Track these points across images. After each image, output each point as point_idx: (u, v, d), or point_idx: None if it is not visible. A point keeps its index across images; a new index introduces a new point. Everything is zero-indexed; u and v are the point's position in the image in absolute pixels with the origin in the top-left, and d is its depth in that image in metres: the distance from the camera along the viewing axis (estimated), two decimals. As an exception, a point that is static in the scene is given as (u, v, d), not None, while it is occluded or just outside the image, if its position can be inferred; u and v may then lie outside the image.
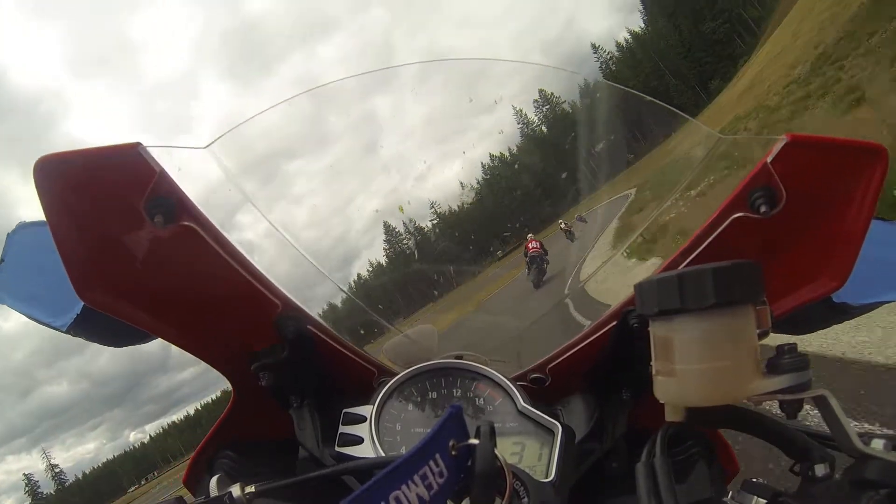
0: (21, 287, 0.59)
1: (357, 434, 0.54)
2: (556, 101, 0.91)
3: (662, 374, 0.39)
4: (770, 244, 0.52)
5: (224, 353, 0.58)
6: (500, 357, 0.70)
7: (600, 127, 0.80)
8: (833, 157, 0.46)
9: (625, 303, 0.57)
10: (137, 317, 0.51)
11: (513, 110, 0.88)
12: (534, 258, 0.92)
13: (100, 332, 0.57)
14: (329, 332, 0.61)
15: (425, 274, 0.90)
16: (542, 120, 1.08)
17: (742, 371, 0.36)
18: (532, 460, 0.53)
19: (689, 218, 0.69)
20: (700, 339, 0.36)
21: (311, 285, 0.69)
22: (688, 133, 0.70)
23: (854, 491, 0.35)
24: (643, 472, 0.38)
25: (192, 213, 0.48)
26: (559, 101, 0.90)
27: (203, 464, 0.62)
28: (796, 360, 0.36)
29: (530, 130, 1.01)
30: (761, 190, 0.48)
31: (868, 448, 0.37)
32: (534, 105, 0.90)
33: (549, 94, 0.88)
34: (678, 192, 0.64)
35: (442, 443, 0.36)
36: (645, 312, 0.39)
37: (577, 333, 0.63)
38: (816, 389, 0.37)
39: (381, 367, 0.66)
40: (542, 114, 0.93)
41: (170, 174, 0.46)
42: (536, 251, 0.92)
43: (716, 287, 0.34)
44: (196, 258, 0.49)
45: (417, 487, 0.33)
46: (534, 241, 0.91)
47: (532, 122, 1.04)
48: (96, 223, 0.46)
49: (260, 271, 0.53)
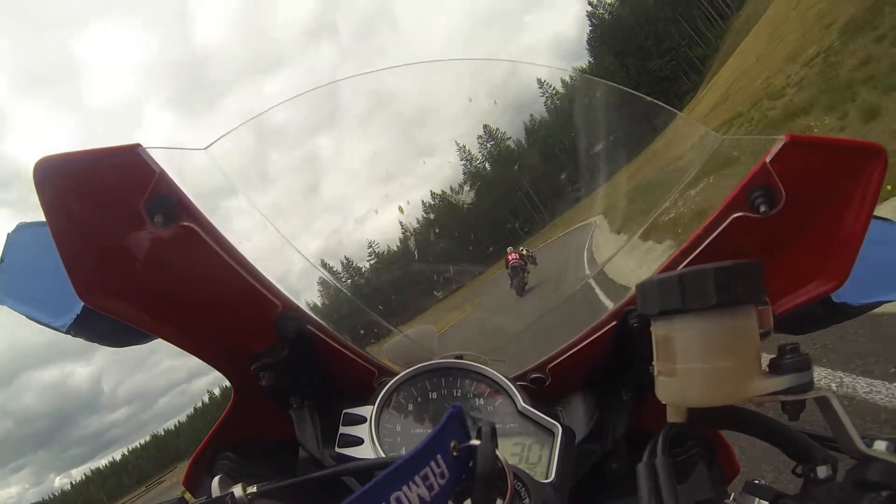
0: (21, 288, 0.59)
1: (357, 435, 0.54)
2: (500, 136, 0.92)
3: (664, 375, 0.38)
4: (769, 244, 0.52)
5: (224, 353, 0.58)
6: (500, 357, 0.70)
7: (583, 135, 0.81)
8: (832, 157, 0.46)
9: (625, 303, 0.57)
10: (137, 317, 0.51)
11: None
12: (515, 268, 0.98)
13: (100, 333, 0.57)
14: (329, 333, 0.61)
15: (424, 274, 0.90)
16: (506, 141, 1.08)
17: (744, 371, 0.36)
18: (532, 461, 0.53)
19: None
20: (701, 339, 0.36)
21: (311, 285, 0.69)
22: (673, 139, 0.70)
23: (856, 492, 0.35)
24: (644, 472, 0.38)
25: (192, 214, 0.48)
26: (504, 137, 0.91)
27: (203, 464, 0.62)
28: (798, 361, 0.36)
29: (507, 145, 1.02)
30: (761, 190, 0.48)
31: (870, 450, 0.37)
32: (478, 141, 0.90)
33: (494, 130, 0.89)
34: (677, 193, 0.64)
35: (443, 443, 0.36)
36: (646, 312, 0.38)
37: (576, 334, 0.63)
38: (819, 390, 0.37)
39: (382, 367, 0.66)
40: (485, 150, 0.94)
41: (169, 175, 0.46)
42: (517, 262, 0.97)
43: (717, 287, 0.34)
44: (196, 258, 0.50)
45: (418, 488, 0.33)
46: (513, 254, 0.96)
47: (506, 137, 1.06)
48: (96, 223, 0.46)
49: (259, 272, 0.53)
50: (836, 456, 0.39)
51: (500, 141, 0.93)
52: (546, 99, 1.01)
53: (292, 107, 0.64)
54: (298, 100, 0.64)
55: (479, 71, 0.74)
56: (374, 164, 0.82)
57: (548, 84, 0.91)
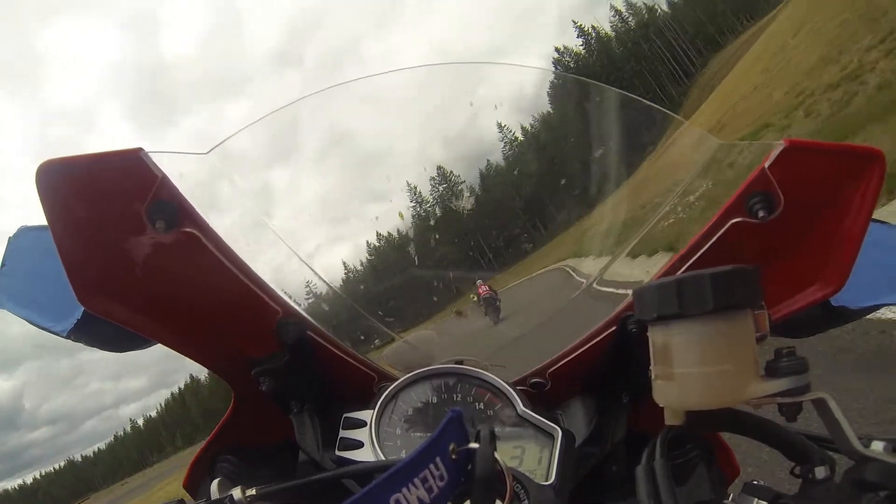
0: (22, 291, 0.59)
1: (357, 438, 0.54)
2: (453, 178, 0.93)
3: (661, 379, 0.39)
4: (768, 249, 0.52)
5: (224, 358, 0.58)
6: (500, 362, 0.71)
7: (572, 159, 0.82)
8: (831, 161, 0.47)
9: (624, 308, 0.57)
10: (138, 322, 0.51)
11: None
12: (487, 300, 1.01)
13: (100, 338, 0.57)
14: (329, 338, 0.61)
15: (424, 280, 0.90)
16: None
17: (741, 375, 0.36)
18: (532, 464, 0.53)
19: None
20: (699, 343, 0.36)
21: (311, 291, 0.69)
22: (673, 157, 0.69)
23: (854, 493, 0.35)
24: (643, 475, 0.38)
25: (193, 219, 0.48)
26: (458, 181, 0.93)
27: (203, 467, 0.62)
28: (795, 363, 0.36)
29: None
30: (759, 195, 0.48)
31: (868, 450, 0.37)
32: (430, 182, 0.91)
33: (448, 172, 0.90)
34: (676, 198, 0.64)
35: (443, 446, 0.37)
36: (643, 318, 0.39)
37: (576, 339, 0.63)
38: (816, 392, 0.37)
39: (382, 372, 0.66)
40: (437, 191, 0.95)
41: (171, 180, 0.46)
42: (488, 293, 1.02)
43: (714, 292, 0.34)
44: (197, 264, 0.50)
45: (418, 490, 0.33)
46: (483, 286, 1.01)
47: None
48: (98, 228, 0.46)
49: (260, 277, 0.54)
50: (834, 457, 0.39)
51: (455, 184, 0.94)
52: (505, 145, 1.02)
53: (291, 113, 0.64)
54: (298, 105, 0.64)
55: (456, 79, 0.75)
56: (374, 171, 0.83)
57: (507, 128, 0.92)
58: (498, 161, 0.99)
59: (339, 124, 0.79)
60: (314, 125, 0.76)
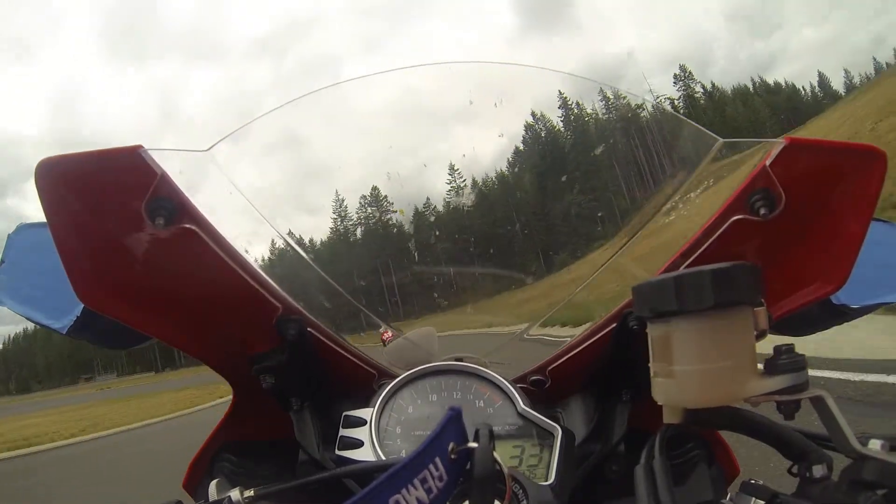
0: (21, 288, 0.59)
1: (357, 437, 0.54)
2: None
3: (660, 376, 0.39)
4: (769, 246, 0.52)
5: (224, 355, 0.58)
6: (500, 360, 0.70)
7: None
8: (832, 159, 0.46)
9: (625, 305, 0.57)
10: (137, 319, 0.51)
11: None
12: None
13: (100, 334, 0.57)
14: (329, 335, 0.61)
15: (424, 276, 0.90)
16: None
17: (740, 372, 0.36)
18: (532, 463, 0.53)
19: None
20: (698, 340, 0.36)
21: (311, 287, 0.69)
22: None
23: (852, 491, 0.36)
24: (642, 474, 0.38)
25: (193, 216, 0.48)
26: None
27: (203, 466, 0.62)
28: (793, 361, 0.36)
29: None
30: (760, 193, 0.48)
31: (865, 449, 0.37)
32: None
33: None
34: (678, 196, 0.64)
35: (442, 446, 0.36)
36: (642, 314, 0.39)
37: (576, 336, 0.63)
38: (814, 390, 0.37)
39: (382, 369, 0.66)
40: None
41: (171, 176, 0.46)
42: (390, 340, 1.05)
43: (714, 288, 0.35)
44: (197, 261, 0.50)
45: (417, 491, 0.33)
46: (387, 333, 1.04)
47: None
48: (97, 225, 0.46)
49: (261, 274, 0.53)
50: (832, 455, 0.40)
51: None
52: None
53: (292, 109, 0.64)
54: (298, 104, 0.64)
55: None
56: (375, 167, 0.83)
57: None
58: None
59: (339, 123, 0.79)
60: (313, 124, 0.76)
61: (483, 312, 0.89)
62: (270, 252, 0.69)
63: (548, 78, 0.72)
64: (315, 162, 0.90)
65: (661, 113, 0.69)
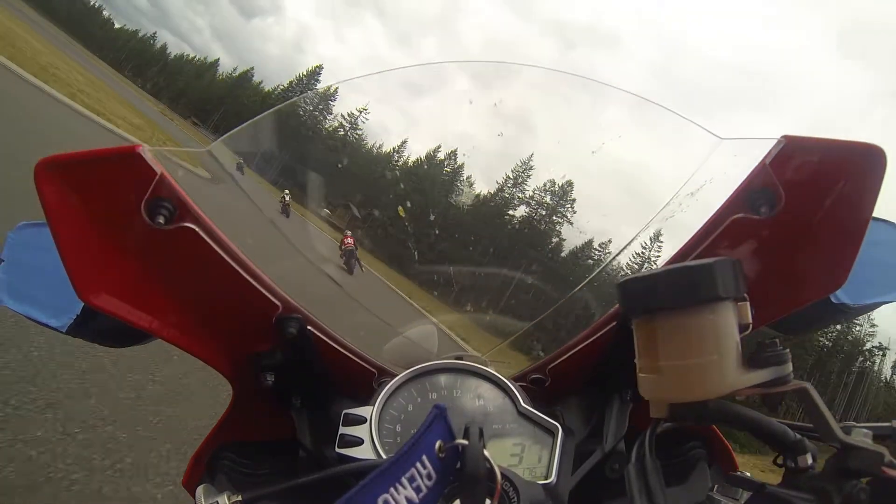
0: (21, 287, 0.59)
1: (357, 435, 0.54)
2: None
3: (646, 372, 0.39)
4: (769, 245, 0.52)
5: (224, 353, 0.58)
6: (500, 358, 0.71)
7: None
8: (832, 157, 0.46)
9: None
10: (137, 318, 0.51)
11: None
12: (349, 252, 1.12)
13: (100, 333, 0.57)
14: (329, 333, 0.61)
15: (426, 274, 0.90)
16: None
17: (724, 366, 0.37)
18: (532, 461, 0.53)
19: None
20: (682, 335, 0.37)
21: (312, 286, 0.69)
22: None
23: (837, 480, 0.36)
24: (633, 472, 0.38)
25: (192, 215, 0.48)
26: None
27: (202, 465, 0.62)
28: (777, 355, 0.37)
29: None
30: (760, 191, 0.48)
31: (849, 438, 0.37)
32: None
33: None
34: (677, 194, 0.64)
35: (428, 444, 0.36)
36: (627, 311, 0.39)
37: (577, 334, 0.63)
38: (797, 382, 0.37)
39: (382, 367, 0.66)
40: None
41: (170, 176, 0.46)
42: (350, 246, 1.11)
43: (695, 284, 0.35)
44: (196, 260, 0.50)
45: (406, 490, 0.33)
46: (349, 238, 1.10)
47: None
48: (97, 224, 0.46)
49: (260, 273, 0.53)
50: (817, 445, 0.40)
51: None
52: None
53: (293, 109, 0.64)
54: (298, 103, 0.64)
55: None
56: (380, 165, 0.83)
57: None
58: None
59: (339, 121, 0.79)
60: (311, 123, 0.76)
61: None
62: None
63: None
64: (318, 160, 0.90)
65: (661, 112, 0.68)
